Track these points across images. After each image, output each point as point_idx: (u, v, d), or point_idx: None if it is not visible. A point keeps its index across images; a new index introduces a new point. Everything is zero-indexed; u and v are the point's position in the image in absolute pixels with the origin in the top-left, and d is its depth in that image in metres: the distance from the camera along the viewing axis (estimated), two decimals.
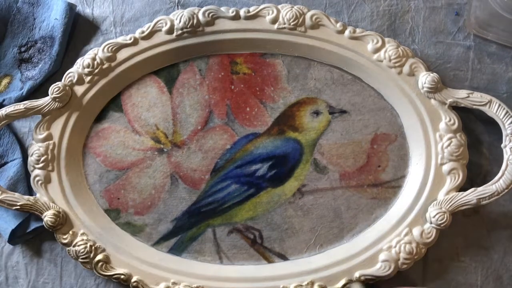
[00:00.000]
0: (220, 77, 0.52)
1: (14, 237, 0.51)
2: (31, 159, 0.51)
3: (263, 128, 0.51)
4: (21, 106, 0.50)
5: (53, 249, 0.53)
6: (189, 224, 0.51)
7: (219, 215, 0.51)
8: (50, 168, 0.51)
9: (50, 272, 0.53)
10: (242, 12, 0.50)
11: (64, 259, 0.52)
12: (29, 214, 0.51)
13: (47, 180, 0.51)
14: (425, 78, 0.48)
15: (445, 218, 0.46)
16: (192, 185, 0.52)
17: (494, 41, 0.50)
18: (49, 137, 0.51)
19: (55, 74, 0.54)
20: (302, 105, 0.51)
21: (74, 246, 0.49)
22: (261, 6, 0.50)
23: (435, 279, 0.50)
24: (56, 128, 0.51)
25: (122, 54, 0.51)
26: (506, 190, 0.46)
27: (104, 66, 0.51)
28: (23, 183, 0.52)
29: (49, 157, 0.50)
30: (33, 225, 0.52)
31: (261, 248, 0.51)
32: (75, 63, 0.51)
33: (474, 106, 0.47)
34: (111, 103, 0.52)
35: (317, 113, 0.51)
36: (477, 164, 0.50)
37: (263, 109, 0.52)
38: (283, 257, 0.50)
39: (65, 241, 0.50)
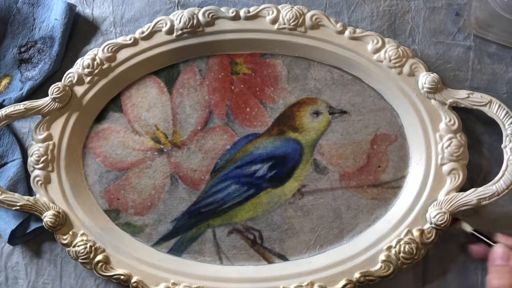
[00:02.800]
0: (220, 78, 0.52)
1: (14, 238, 0.51)
2: (31, 160, 0.51)
3: (263, 128, 0.51)
4: (21, 106, 0.50)
5: (53, 249, 0.53)
6: (189, 225, 0.51)
7: (219, 215, 0.51)
8: (50, 168, 0.51)
9: (50, 273, 0.53)
10: (242, 13, 0.50)
11: (64, 259, 0.52)
12: (29, 214, 0.51)
13: (47, 181, 0.50)
14: (425, 79, 0.48)
15: (445, 219, 0.46)
16: (192, 186, 0.51)
17: (494, 41, 0.50)
18: (49, 138, 0.51)
19: (55, 74, 0.54)
20: (302, 105, 0.51)
21: (74, 246, 0.49)
22: (261, 7, 0.50)
23: (435, 279, 0.50)
24: (56, 128, 0.51)
25: (122, 55, 0.51)
26: (506, 191, 0.46)
27: (104, 67, 0.51)
28: (23, 183, 0.52)
29: (49, 157, 0.50)
30: (33, 226, 0.52)
31: (261, 248, 0.51)
32: (75, 64, 0.51)
33: (474, 107, 0.47)
34: (111, 104, 0.52)
35: (317, 113, 0.51)
36: (477, 165, 0.50)
37: (263, 110, 0.52)
38: (283, 258, 0.50)
39: (65, 242, 0.50)
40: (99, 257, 0.49)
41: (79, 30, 0.55)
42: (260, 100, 0.52)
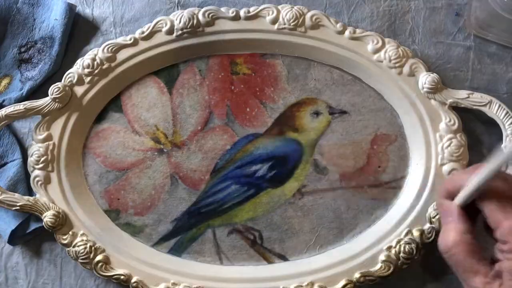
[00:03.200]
0: (220, 78, 0.52)
1: (14, 238, 0.51)
2: (31, 160, 0.51)
3: (263, 128, 0.51)
4: (21, 106, 0.50)
5: (52, 249, 0.52)
6: (189, 225, 0.51)
7: (219, 215, 0.51)
8: (50, 168, 0.51)
9: (50, 273, 0.52)
10: (242, 13, 0.50)
11: (64, 259, 0.52)
12: (28, 214, 0.51)
13: (47, 181, 0.50)
14: (425, 79, 0.48)
15: None
16: (192, 186, 0.51)
17: (494, 41, 0.50)
18: (49, 138, 0.51)
19: (54, 74, 0.53)
20: (302, 105, 0.51)
21: (74, 246, 0.49)
22: (261, 7, 0.50)
23: (435, 280, 0.49)
24: (56, 128, 0.51)
25: (122, 55, 0.51)
26: None
27: (104, 67, 0.51)
28: (23, 183, 0.52)
29: (49, 157, 0.50)
30: (33, 226, 0.51)
31: (261, 248, 0.51)
32: (75, 64, 0.51)
33: (474, 107, 0.47)
34: (111, 104, 0.52)
35: (317, 113, 0.51)
36: None
37: (263, 110, 0.52)
38: (283, 258, 0.50)
39: (65, 242, 0.49)
40: (99, 257, 0.49)
41: (79, 30, 0.54)
42: (260, 100, 0.52)
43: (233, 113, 0.52)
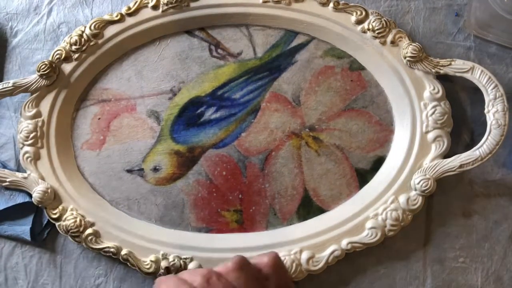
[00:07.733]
0: None
1: (35, 235, 0.51)
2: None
3: None
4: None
5: (52, 250, 0.52)
6: None
7: None
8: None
9: (50, 273, 0.52)
10: None
11: (64, 260, 0.52)
12: (36, 210, 0.51)
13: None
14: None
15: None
16: None
17: (494, 42, 0.50)
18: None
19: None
20: None
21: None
22: None
23: (435, 280, 0.49)
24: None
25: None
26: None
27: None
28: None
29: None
30: (45, 219, 0.51)
31: None
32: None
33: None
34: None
35: None
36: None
37: None
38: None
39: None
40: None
41: None
42: None
43: None
